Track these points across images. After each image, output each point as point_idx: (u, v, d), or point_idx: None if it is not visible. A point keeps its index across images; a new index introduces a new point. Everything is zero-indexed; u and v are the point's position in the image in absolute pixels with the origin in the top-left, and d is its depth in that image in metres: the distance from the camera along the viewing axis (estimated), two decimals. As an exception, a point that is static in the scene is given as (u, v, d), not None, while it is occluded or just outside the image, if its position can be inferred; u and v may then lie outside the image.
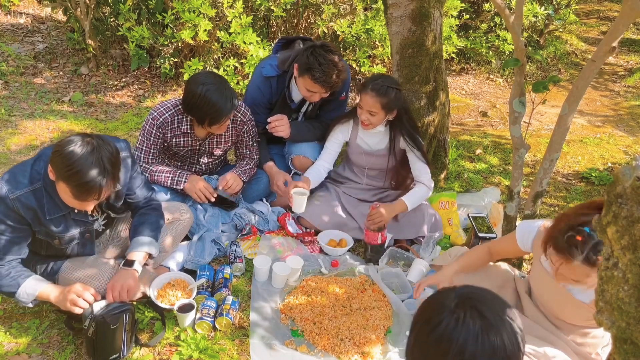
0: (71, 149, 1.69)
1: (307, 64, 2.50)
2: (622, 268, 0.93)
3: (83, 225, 1.97)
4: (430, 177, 2.67)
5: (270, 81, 2.72)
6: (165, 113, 2.47)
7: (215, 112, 2.35)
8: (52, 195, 1.82)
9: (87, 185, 1.70)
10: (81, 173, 1.68)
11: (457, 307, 1.01)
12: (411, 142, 2.61)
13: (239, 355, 1.98)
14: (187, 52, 4.37)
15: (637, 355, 0.95)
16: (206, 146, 2.67)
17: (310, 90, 2.60)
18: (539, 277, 1.86)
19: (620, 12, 1.81)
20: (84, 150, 1.70)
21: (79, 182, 1.70)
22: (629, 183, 0.89)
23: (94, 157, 1.70)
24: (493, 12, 5.27)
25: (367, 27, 4.41)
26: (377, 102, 2.46)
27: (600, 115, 4.93)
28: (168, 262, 2.37)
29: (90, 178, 1.69)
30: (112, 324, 1.82)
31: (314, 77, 2.51)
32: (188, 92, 2.36)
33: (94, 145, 1.73)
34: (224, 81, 2.42)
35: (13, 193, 1.77)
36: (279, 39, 2.85)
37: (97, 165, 1.70)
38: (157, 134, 2.50)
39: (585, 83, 1.99)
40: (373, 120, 2.53)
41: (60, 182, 1.74)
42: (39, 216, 1.82)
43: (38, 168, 1.82)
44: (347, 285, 2.35)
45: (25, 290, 1.85)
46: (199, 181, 2.54)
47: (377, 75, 2.57)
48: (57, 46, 5.09)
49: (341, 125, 2.74)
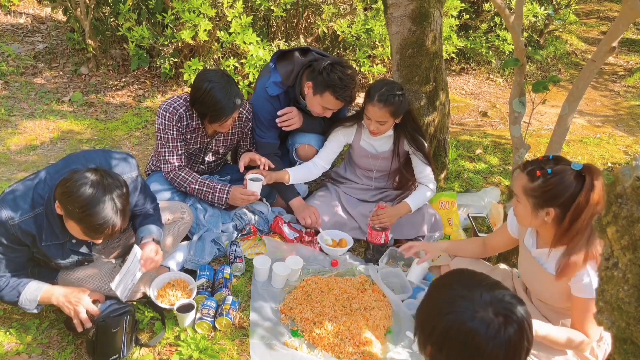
0: (81, 190, 1.66)
1: (328, 81, 2.48)
2: (622, 268, 0.93)
3: (80, 255, 1.97)
4: (434, 179, 2.67)
5: (275, 100, 2.69)
6: (179, 108, 2.49)
7: (217, 110, 2.37)
8: (51, 223, 1.80)
9: (101, 226, 1.69)
10: (95, 215, 1.67)
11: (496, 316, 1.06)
12: (414, 144, 2.60)
13: (239, 355, 1.98)
14: (187, 52, 4.37)
15: (637, 355, 0.95)
16: (213, 144, 2.68)
17: (327, 107, 2.59)
18: (523, 261, 1.95)
19: (620, 12, 1.81)
20: (95, 191, 1.67)
21: (92, 225, 1.69)
22: (629, 183, 0.89)
23: (106, 197, 1.68)
24: (493, 12, 5.27)
25: (367, 27, 4.41)
26: (385, 112, 2.44)
27: (600, 115, 4.93)
28: (168, 262, 2.37)
29: (104, 220, 1.68)
30: (113, 327, 1.82)
31: (337, 94, 2.50)
32: (194, 86, 2.41)
33: (104, 185, 1.70)
34: (231, 81, 2.43)
35: (13, 220, 1.74)
36: (275, 52, 2.79)
37: (109, 206, 1.69)
38: (178, 128, 2.50)
39: (585, 83, 1.99)
40: (382, 129, 2.53)
41: (70, 221, 1.72)
42: (37, 240, 1.81)
43: (42, 192, 1.79)
44: (347, 285, 2.35)
45: (26, 297, 1.85)
46: (236, 192, 2.55)
47: (380, 84, 2.50)
48: (57, 46, 5.09)
49: (344, 128, 2.71)
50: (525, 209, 1.74)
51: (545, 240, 1.82)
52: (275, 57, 2.73)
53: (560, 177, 1.64)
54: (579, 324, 1.71)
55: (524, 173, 1.72)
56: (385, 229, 2.49)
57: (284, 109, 2.71)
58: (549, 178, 1.65)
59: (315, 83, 2.54)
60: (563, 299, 1.78)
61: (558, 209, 1.66)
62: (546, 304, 1.87)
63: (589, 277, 1.65)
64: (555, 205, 1.66)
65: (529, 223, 1.77)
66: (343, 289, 2.32)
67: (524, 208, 1.74)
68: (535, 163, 1.72)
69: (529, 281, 1.95)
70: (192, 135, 2.58)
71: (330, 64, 2.52)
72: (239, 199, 2.55)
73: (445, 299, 1.10)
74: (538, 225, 1.77)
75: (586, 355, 1.81)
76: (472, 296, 1.07)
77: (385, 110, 2.44)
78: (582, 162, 1.66)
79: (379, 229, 2.48)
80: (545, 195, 1.66)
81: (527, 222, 1.77)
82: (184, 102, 2.52)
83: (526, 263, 1.93)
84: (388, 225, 2.50)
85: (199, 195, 2.58)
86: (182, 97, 2.54)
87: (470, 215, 2.80)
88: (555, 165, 1.66)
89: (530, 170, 1.70)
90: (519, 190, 1.74)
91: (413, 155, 2.65)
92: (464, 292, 1.09)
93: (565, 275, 1.69)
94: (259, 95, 2.72)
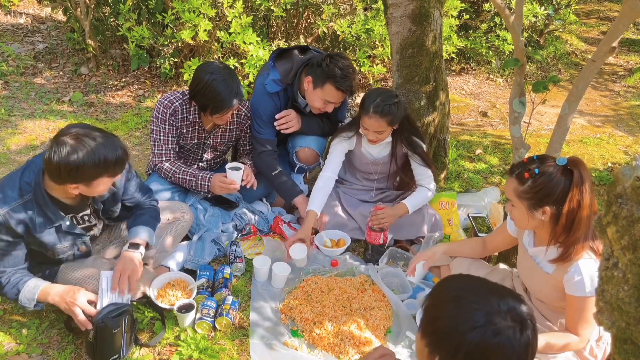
0: (72, 154, 1.69)
1: (327, 72, 2.47)
2: (622, 268, 0.93)
3: (75, 236, 1.97)
4: (433, 180, 2.66)
5: (274, 97, 2.68)
6: (175, 102, 2.50)
7: (218, 102, 2.38)
8: (42, 207, 1.81)
9: (118, 160, 1.79)
10: (109, 155, 1.75)
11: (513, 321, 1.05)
12: (410, 148, 2.59)
13: (239, 355, 1.98)
14: (187, 52, 4.37)
15: (637, 355, 0.95)
16: (211, 140, 2.68)
17: (329, 100, 2.56)
18: (521, 260, 1.95)
19: (620, 12, 1.81)
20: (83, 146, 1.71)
21: (109, 163, 1.76)
22: (629, 183, 0.89)
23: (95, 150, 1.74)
24: (493, 12, 5.27)
25: (367, 27, 4.41)
26: (382, 123, 2.43)
27: (600, 115, 4.92)
28: (168, 262, 2.37)
29: (116, 156, 1.78)
30: (112, 328, 1.82)
31: (338, 84, 2.48)
32: (195, 78, 2.41)
33: (91, 134, 1.75)
34: (233, 73, 2.44)
35: (2, 208, 1.76)
36: (274, 50, 2.79)
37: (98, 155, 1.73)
38: (171, 122, 2.51)
39: (585, 83, 1.99)
40: (382, 137, 2.52)
41: (91, 178, 1.76)
42: (30, 228, 1.82)
43: (27, 179, 1.80)
44: (347, 285, 2.35)
45: (25, 295, 1.85)
46: (215, 179, 2.53)
47: (374, 94, 2.44)
48: (57, 46, 5.09)
49: (344, 138, 2.69)
50: (520, 212, 1.75)
51: (541, 239, 1.83)
52: (274, 56, 2.72)
53: (548, 175, 1.66)
54: (570, 323, 1.72)
55: (512, 177, 1.74)
56: (383, 230, 2.49)
57: (282, 112, 2.70)
58: (537, 178, 1.67)
59: (315, 76, 2.54)
60: (558, 297, 1.79)
61: (553, 207, 1.68)
62: (544, 303, 1.88)
63: (580, 275, 1.66)
64: (549, 203, 1.68)
65: (527, 225, 1.78)
66: (343, 289, 2.32)
67: (520, 211, 1.75)
68: (521, 166, 1.74)
69: (526, 280, 1.95)
70: (189, 129, 2.58)
71: (328, 56, 2.52)
72: (217, 187, 2.53)
73: (461, 314, 1.06)
74: (536, 226, 1.78)
75: (586, 355, 1.81)
76: (488, 307, 1.05)
77: (382, 122, 2.43)
78: (565, 157, 1.68)
79: (377, 230, 2.48)
80: (538, 195, 1.68)
81: (525, 224, 1.78)
82: (181, 96, 2.52)
83: (524, 262, 1.94)
84: (386, 226, 2.50)
85: (184, 184, 2.58)
86: (180, 92, 2.55)
87: (470, 215, 2.80)
88: (541, 164, 1.69)
89: (518, 173, 1.72)
90: (511, 195, 1.75)
91: (410, 158, 2.65)
92: (478, 303, 1.07)
93: (561, 261, 1.71)
94: (258, 91, 2.72)
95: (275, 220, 2.73)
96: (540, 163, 1.69)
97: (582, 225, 1.66)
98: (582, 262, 1.68)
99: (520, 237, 1.98)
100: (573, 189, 1.63)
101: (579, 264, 1.68)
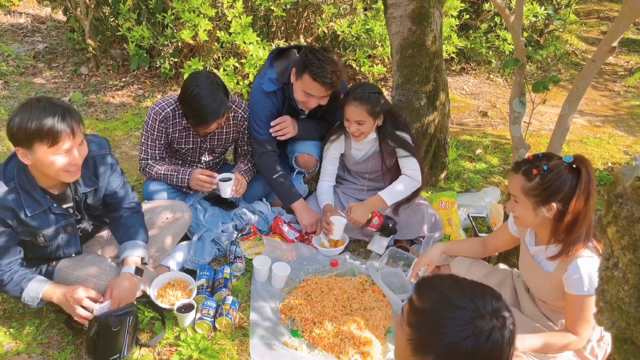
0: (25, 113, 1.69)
1: (305, 61, 2.44)
2: (622, 268, 0.93)
3: (64, 218, 1.96)
4: (417, 168, 2.58)
5: (271, 96, 2.67)
6: (167, 107, 2.50)
7: (200, 116, 2.39)
8: (29, 192, 1.83)
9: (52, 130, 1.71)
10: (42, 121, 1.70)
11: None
12: (393, 142, 2.58)
13: (239, 355, 1.98)
14: (187, 52, 4.37)
15: (637, 355, 0.95)
16: (207, 143, 2.68)
17: (308, 92, 2.50)
18: (523, 260, 1.95)
19: (620, 12, 1.81)
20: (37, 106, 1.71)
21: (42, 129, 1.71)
22: (629, 183, 0.89)
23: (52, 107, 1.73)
24: (493, 12, 5.27)
25: (367, 27, 4.41)
26: (362, 110, 2.45)
27: (600, 115, 4.93)
28: (168, 261, 2.37)
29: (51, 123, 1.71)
30: (114, 327, 1.82)
31: (313, 73, 2.41)
32: (183, 87, 2.43)
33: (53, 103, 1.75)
34: (219, 88, 2.41)
35: None
36: (273, 50, 2.78)
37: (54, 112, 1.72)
38: (160, 129, 2.51)
39: (585, 83, 1.99)
40: (363, 130, 2.52)
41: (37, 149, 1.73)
42: (19, 215, 1.82)
43: (10, 168, 1.83)
44: (347, 285, 2.35)
45: (28, 293, 1.86)
46: (197, 173, 2.54)
47: (355, 85, 2.55)
48: (57, 46, 5.09)
49: (334, 143, 2.71)
50: (525, 209, 1.74)
51: (542, 238, 1.83)
52: (272, 55, 2.72)
53: (556, 172, 1.66)
54: (569, 322, 1.72)
55: (519, 174, 1.73)
56: (369, 222, 2.48)
57: (278, 118, 2.69)
58: (545, 175, 1.67)
59: (297, 68, 2.52)
60: (559, 297, 1.78)
61: (559, 203, 1.68)
62: (546, 303, 1.88)
63: (578, 273, 1.66)
64: (556, 200, 1.68)
65: (530, 223, 1.78)
66: (343, 289, 2.32)
67: (524, 209, 1.74)
68: (528, 162, 1.73)
69: (528, 280, 1.95)
70: (182, 134, 2.58)
71: (310, 48, 2.51)
72: (194, 183, 2.54)
73: (452, 317, 1.05)
74: (537, 224, 1.78)
75: (586, 355, 1.81)
76: (475, 309, 1.05)
77: (362, 108, 2.44)
78: (571, 155, 1.69)
79: (365, 224, 2.49)
80: (546, 192, 1.68)
81: (529, 222, 1.77)
82: (174, 102, 2.52)
83: (525, 262, 1.94)
84: (363, 223, 2.49)
85: (165, 180, 2.58)
86: (174, 98, 2.55)
87: (470, 215, 2.80)
88: (549, 162, 1.69)
89: (526, 169, 1.71)
90: (517, 191, 1.74)
91: (398, 152, 2.63)
92: (465, 303, 1.06)
93: (560, 257, 1.72)
94: (256, 91, 2.71)
95: (275, 220, 2.73)
96: (548, 160, 1.70)
97: (584, 223, 1.66)
98: (581, 261, 1.68)
99: (522, 237, 1.98)
100: (581, 186, 1.64)
101: (577, 262, 1.68)
